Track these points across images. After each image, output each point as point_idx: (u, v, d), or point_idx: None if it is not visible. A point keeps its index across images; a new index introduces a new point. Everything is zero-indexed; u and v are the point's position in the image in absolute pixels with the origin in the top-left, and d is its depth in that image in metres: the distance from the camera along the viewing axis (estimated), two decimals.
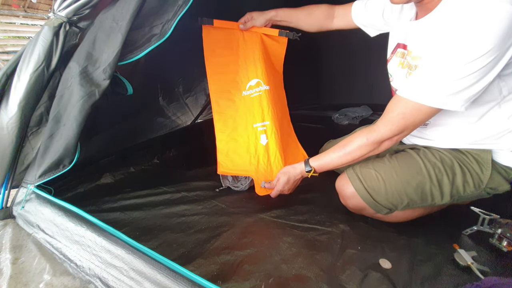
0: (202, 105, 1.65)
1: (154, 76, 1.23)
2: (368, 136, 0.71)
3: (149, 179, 1.12)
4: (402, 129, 0.67)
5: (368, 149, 0.73)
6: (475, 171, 0.72)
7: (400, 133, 0.68)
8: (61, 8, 0.70)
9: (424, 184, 0.74)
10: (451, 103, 0.58)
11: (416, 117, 0.64)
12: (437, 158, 0.74)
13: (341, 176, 0.85)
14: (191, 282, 0.50)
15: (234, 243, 0.77)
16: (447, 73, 0.56)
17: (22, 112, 0.73)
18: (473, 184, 0.73)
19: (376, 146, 0.72)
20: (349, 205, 0.84)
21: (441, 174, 0.73)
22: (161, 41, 0.78)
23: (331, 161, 0.80)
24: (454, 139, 0.75)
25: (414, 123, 0.66)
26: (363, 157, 0.76)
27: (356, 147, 0.74)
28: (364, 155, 0.75)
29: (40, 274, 0.63)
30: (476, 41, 0.52)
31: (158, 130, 1.39)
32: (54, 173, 0.78)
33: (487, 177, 0.72)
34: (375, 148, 0.73)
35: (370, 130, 0.72)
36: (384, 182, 0.76)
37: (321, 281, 0.64)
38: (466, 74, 0.54)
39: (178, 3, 0.76)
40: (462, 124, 0.72)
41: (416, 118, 0.64)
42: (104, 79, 0.73)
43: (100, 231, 0.62)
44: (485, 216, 0.78)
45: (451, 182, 0.73)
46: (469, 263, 0.67)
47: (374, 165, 0.79)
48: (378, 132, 0.70)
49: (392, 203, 0.76)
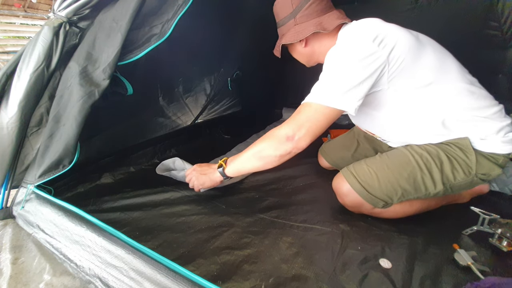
0: (202, 105, 1.65)
1: (154, 76, 1.23)
2: (275, 133, 0.74)
3: (149, 179, 1.12)
4: (301, 125, 0.70)
5: (278, 146, 0.73)
6: (461, 158, 0.76)
7: (299, 130, 0.70)
8: (61, 8, 0.71)
9: (415, 173, 0.77)
10: (344, 103, 0.67)
11: (315, 117, 0.70)
12: (423, 149, 0.79)
13: (336, 175, 0.89)
14: (191, 282, 0.50)
15: (234, 243, 0.77)
16: (333, 76, 0.70)
17: (22, 112, 0.73)
18: (462, 170, 0.77)
19: (285, 143, 0.72)
20: (347, 202, 0.85)
21: (429, 163, 0.77)
22: (161, 41, 0.78)
23: (243, 163, 0.81)
24: (415, 138, 0.82)
25: (317, 122, 0.70)
26: (275, 157, 0.74)
27: (266, 144, 0.75)
28: (276, 155, 0.74)
29: (40, 274, 0.63)
30: (345, 55, 0.69)
31: (158, 130, 1.39)
32: (54, 173, 0.78)
33: (473, 162, 0.75)
34: (284, 145, 0.72)
35: (275, 128, 0.75)
36: (376, 175, 0.79)
37: (321, 281, 0.64)
38: (345, 75, 0.67)
39: (177, 3, 0.76)
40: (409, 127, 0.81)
41: (316, 118, 0.70)
42: (103, 79, 0.73)
43: (100, 231, 0.62)
44: (485, 216, 0.78)
45: (440, 170, 0.77)
46: (469, 263, 0.67)
47: (366, 162, 0.84)
48: (283, 128, 0.73)
49: (387, 194, 0.79)
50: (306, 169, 1.23)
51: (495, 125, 0.75)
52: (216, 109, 1.81)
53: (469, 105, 0.74)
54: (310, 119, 0.70)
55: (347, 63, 0.68)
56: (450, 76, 0.74)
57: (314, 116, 0.70)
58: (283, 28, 0.85)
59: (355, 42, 0.69)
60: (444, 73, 0.73)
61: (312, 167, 1.27)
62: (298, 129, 0.70)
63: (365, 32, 0.69)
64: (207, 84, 1.62)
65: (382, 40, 0.67)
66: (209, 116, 1.76)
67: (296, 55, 0.91)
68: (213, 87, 1.66)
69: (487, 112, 0.75)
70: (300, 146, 0.71)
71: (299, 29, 0.80)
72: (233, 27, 1.48)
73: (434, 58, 0.73)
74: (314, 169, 1.25)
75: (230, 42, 1.55)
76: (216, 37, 1.43)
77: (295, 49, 0.88)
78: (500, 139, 0.75)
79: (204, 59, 1.49)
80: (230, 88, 1.79)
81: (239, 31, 1.54)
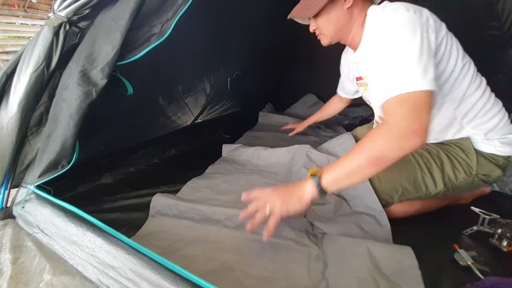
0: (202, 105, 1.65)
1: (154, 76, 1.23)
2: (394, 129, 0.59)
3: (149, 179, 1.12)
4: (420, 113, 0.58)
5: (403, 144, 0.59)
6: (462, 158, 0.77)
7: (419, 120, 0.58)
8: (61, 8, 0.70)
9: (416, 173, 0.78)
10: (425, 83, 0.58)
11: (424, 102, 0.58)
12: (424, 149, 0.80)
13: None
14: (190, 282, 0.50)
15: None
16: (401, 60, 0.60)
17: (22, 112, 0.73)
18: (463, 170, 0.77)
19: (412, 139, 0.58)
20: None
21: (429, 162, 0.77)
22: (161, 40, 0.78)
23: (350, 172, 0.62)
24: None
25: (427, 106, 0.59)
26: (397, 158, 0.60)
27: (385, 144, 0.60)
28: (399, 155, 0.59)
29: (40, 274, 0.63)
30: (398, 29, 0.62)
31: (158, 130, 1.39)
32: (53, 173, 0.78)
33: (474, 162, 0.76)
34: (411, 141, 0.58)
35: (386, 126, 0.61)
36: (377, 175, 0.79)
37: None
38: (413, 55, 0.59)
39: (177, 3, 0.76)
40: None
41: (424, 102, 0.59)
42: (101, 78, 0.72)
43: (100, 232, 0.62)
44: (485, 216, 0.78)
45: (440, 169, 0.77)
46: (469, 263, 0.67)
47: None
48: (400, 123, 0.59)
49: (387, 193, 0.79)
50: None
51: (497, 125, 0.75)
52: (216, 109, 1.80)
53: (478, 101, 0.74)
54: (420, 106, 0.58)
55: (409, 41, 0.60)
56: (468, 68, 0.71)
57: (419, 102, 0.58)
58: None
59: (402, 16, 0.62)
60: (465, 64, 0.70)
61: None
62: (419, 119, 0.57)
63: (404, 7, 0.64)
64: (207, 84, 1.62)
65: (426, 16, 0.64)
66: (209, 116, 1.76)
67: (327, 19, 0.77)
68: (213, 87, 1.65)
69: (493, 112, 0.75)
70: (426, 139, 0.59)
71: None
72: (233, 27, 1.48)
73: (459, 46, 0.70)
74: None
75: (230, 42, 1.55)
76: (216, 37, 1.43)
77: (334, 8, 0.75)
78: (499, 140, 0.76)
79: (204, 59, 1.48)
80: (229, 88, 1.79)
81: (239, 31, 1.54)
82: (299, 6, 0.78)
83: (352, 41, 0.83)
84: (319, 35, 0.83)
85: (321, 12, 0.75)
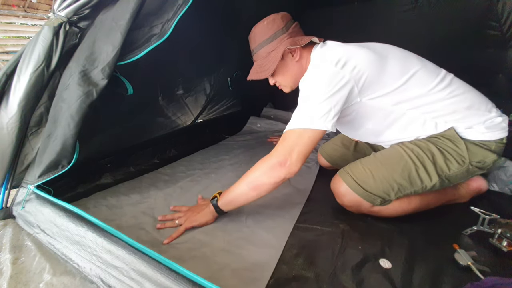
0: (202, 105, 1.65)
1: (154, 76, 1.23)
2: (267, 161, 0.75)
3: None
4: (290, 151, 0.73)
5: (271, 173, 0.73)
6: (451, 148, 0.79)
7: (290, 156, 0.72)
8: (61, 8, 0.70)
9: (409, 168, 0.80)
10: (323, 124, 0.72)
11: (302, 141, 0.73)
12: (414, 144, 0.82)
13: (334, 177, 0.90)
14: (191, 282, 0.50)
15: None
16: (308, 103, 0.75)
17: (22, 112, 0.73)
18: (455, 160, 0.79)
19: (278, 170, 0.73)
20: (345, 202, 0.86)
21: (421, 156, 0.80)
22: (161, 40, 0.78)
23: (236, 196, 0.78)
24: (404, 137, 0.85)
25: (304, 145, 0.73)
26: (269, 185, 0.74)
27: (259, 173, 0.75)
28: (270, 183, 0.74)
29: (40, 274, 0.63)
30: (315, 83, 0.75)
31: (158, 130, 1.39)
32: (53, 173, 0.78)
33: (464, 151, 0.79)
34: (277, 172, 0.73)
35: (266, 157, 0.76)
36: (371, 172, 0.82)
37: (321, 281, 0.64)
38: (319, 102, 0.72)
39: (177, 3, 0.76)
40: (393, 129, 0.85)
41: (302, 141, 0.73)
42: (102, 78, 0.72)
43: (101, 232, 0.62)
44: (485, 216, 0.78)
45: (432, 162, 0.79)
46: (469, 263, 0.67)
47: (361, 161, 0.87)
48: (274, 156, 0.74)
49: (383, 190, 0.80)
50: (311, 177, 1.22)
51: (477, 116, 0.78)
52: (216, 109, 1.81)
53: (443, 101, 0.78)
54: (297, 143, 0.73)
55: (318, 90, 0.73)
56: (417, 77, 0.78)
57: (300, 140, 0.73)
58: (272, 44, 0.83)
59: (321, 70, 0.75)
60: (411, 76, 0.77)
61: (312, 167, 1.27)
62: (289, 154, 0.72)
63: (328, 58, 0.75)
64: (207, 84, 1.62)
65: (344, 63, 0.73)
66: (209, 116, 1.76)
67: (282, 74, 0.88)
68: (213, 87, 1.65)
69: (465, 104, 0.78)
70: (292, 171, 0.73)
71: (296, 39, 0.82)
72: (233, 27, 1.48)
73: (398, 64, 0.78)
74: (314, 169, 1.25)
75: (230, 42, 1.55)
76: (216, 37, 1.43)
77: (284, 65, 0.86)
78: (484, 125, 0.78)
79: (204, 59, 1.48)
80: (230, 88, 1.79)
81: (239, 31, 1.54)
82: (254, 70, 0.88)
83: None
84: (280, 86, 0.94)
85: (275, 71, 0.86)
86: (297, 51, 0.84)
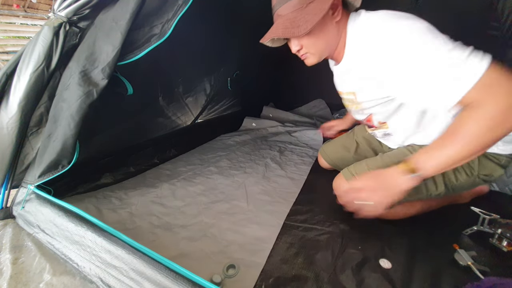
0: (202, 105, 1.65)
1: (154, 76, 1.23)
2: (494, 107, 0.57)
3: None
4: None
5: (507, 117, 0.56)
6: None
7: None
8: (61, 8, 0.70)
9: None
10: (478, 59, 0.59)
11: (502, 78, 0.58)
12: None
13: (337, 176, 0.88)
14: (191, 282, 0.50)
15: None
16: (432, 64, 0.58)
17: (22, 112, 0.73)
18: (464, 171, 0.76)
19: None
20: None
21: None
22: (161, 41, 0.78)
23: (454, 153, 0.58)
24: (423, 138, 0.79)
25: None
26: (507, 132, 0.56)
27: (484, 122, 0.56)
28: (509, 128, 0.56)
29: (40, 274, 0.63)
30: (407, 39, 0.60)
31: (158, 130, 1.39)
32: (53, 173, 0.78)
33: (475, 163, 0.75)
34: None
35: (483, 107, 0.57)
36: None
37: (321, 281, 0.64)
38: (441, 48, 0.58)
39: (177, 3, 0.76)
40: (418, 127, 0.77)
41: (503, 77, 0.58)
42: (102, 78, 0.72)
43: (100, 231, 0.62)
44: (485, 216, 0.78)
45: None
46: (469, 263, 0.67)
47: (367, 162, 0.84)
48: (497, 101, 0.57)
49: None
50: (306, 169, 1.23)
51: None
52: (216, 109, 1.81)
53: None
54: (500, 80, 0.58)
55: (427, 40, 0.59)
56: None
57: (499, 78, 0.59)
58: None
59: (405, 20, 0.61)
60: None
61: (312, 167, 1.27)
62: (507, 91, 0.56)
63: (393, 13, 0.62)
64: (207, 84, 1.62)
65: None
66: (209, 116, 1.76)
67: (316, 36, 0.68)
68: (213, 87, 1.66)
69: None
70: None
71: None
72: (233, 27, 1.48)
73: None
74: (314, 169, 1.25)
75: (230, 42, 1.55)
76: (216, 37, 1.43)
77: (323, 23, 0.66)
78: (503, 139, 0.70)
79: (204, 59, 1.48)
80: (230, 88, 1.79)
81: (239, 31, 1.54)
82: (282, 25, 0.66)
83: (336, 55, 0.75)
84: (305, 55, 0.73)
85: (309, 33, 0.65)
86: (339, 8, 0.66)
